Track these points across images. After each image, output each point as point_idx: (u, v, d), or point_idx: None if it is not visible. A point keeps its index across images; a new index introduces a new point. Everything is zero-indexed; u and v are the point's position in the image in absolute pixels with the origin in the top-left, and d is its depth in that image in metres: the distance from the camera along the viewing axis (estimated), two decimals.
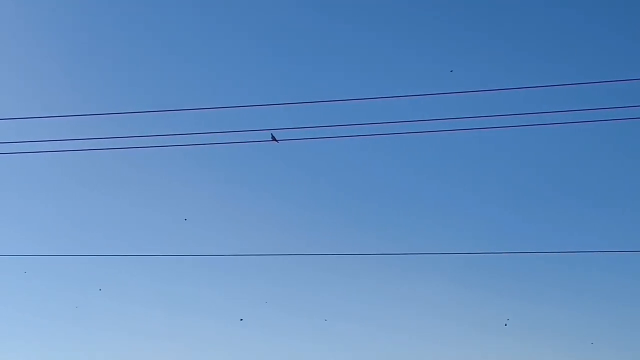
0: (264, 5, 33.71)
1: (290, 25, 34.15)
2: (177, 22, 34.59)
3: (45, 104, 33.73)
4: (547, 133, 31.47)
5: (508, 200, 34.35)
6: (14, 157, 20.03)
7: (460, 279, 32.67)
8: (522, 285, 32.91)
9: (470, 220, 34.01)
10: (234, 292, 33.90)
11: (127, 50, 35.00)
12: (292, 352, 31.87)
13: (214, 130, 18.38)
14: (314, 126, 17.60)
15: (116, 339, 32.59)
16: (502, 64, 33.37)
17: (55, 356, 32.58)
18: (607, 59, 33.06)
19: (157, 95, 34.15)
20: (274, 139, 17.83)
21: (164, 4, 34.42)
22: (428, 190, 35.22)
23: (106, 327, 32.80)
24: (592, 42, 33.81)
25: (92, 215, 34.50)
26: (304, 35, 34.61)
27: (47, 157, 26.26)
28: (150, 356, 31.96)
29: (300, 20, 34.18)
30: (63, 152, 19.72)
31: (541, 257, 29.04)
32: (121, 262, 30.04)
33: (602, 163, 34.35)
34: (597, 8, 33.93)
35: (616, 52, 33.17)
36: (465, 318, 32.37)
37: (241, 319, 30.45)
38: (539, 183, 34.52)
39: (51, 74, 35.58)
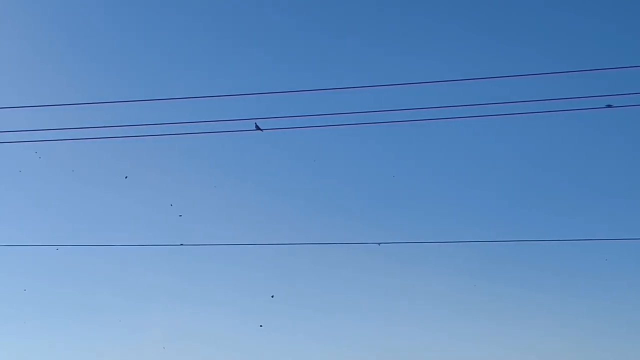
0: None
1: (273, 15, 33.98)
2: (162, 14, 34.49)
3: (35, 94, 33.50)
4: (547, 121, 31.00)
5: (513, 189, 33.97)
6: (4, 147, 19.88)
7: (467, 270, 32.33)
8: (531, 275, 32.58)
9: (473, 210, 33.62)
10: (233, 285, 33.63)
11: (114, 40, 34.91)
12: (293, 348, 31.66)
13: (197, 120, 18.14)
14: (298, 115, 17.37)
15: (113, 334, 32.42)
16: (496, 53, 33.01)
17: (53, 351, 32.40)
18: (603, 46, 32.68)
19: (141, 84, 34.00)
20: (258, 128, 17.63)
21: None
22: (425, 180, 34.86)
23: (104, 322, 32.63)
24: (588, 30, 33.42)
25: (82, 206, 34.33)
26: (287, 25, 34.41)
27: (38, 148, 25.93)
28: (148, 352, 31.77)
29: (284, 11, 34.00)
30: (52, 142, 19.56)
31: (551, 247, 28.64)
32: (112, 254, 29.82)
33: (605, 151, 33.94)
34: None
35: (613, 40, 32.76)
36: (473, 309, 32.06)
37: (260, 325, 30.31)
38: (544, 172, 34.11)
39: (41, 65, 35.42)
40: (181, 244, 22.72)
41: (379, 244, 22.60)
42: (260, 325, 30.47)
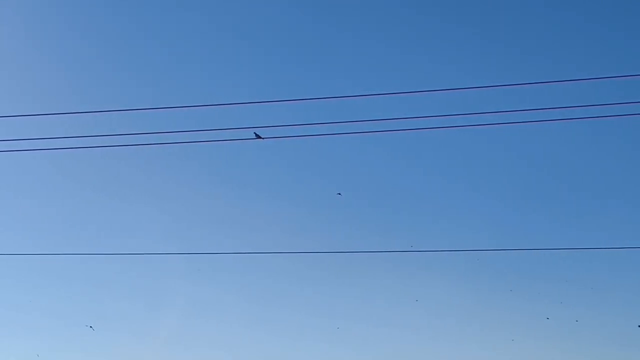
0: (248, 3, 33.62)
1: (273, 22, 34.08)
2: (161, 22, 34.60)
3: (40, 102, 33.64)
4: (550, 129, 30.99)
5: (514, 197, 33.99)
6: (8, 155, 19.88)
7: (467, 277, 32.31)
8: (530, 283, 32.54)
9: (475, 217, 33.59)
10: (234, 291, 33.64)
11: (115, 49, 35.04)
12: (297, 352, 31.64)
13: (197, 129, 18.12)
14: (298, 124, 17.34)
15: (114, 340, 32.43)
16: (499, 61, 33.02)
17: (55, 358, 32.42)
18: (605, 54, 32.68)
19: (141, 94, 34.14)
20: (258, 136, 17.62)
21: (146, 3, 34.46)
22: (426, 188, 34.87)
23: (105, 329, 32.63)
24: (590, 38, 33.41)
25: (84, 213, 34.39)
26: (288, 32, 34.48)
27: (42, 156, 25.97)
28: (154, 356, 31.80)
29: (284, 18, 34.07)
30: (56, 150, 19.58)
31: (550, 254, 28.61)
32: (109, 260, 29.85)
33: (607, 158, 33.92)
34: (593, 5, 33.56)
35: (614, 47, 32.76)
36: (473, 317, 32.03)
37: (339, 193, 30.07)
38: (545, 179, 34.14)
39: (46, 72, 35.55)
40: (187, 252, 22.74)
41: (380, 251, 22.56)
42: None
